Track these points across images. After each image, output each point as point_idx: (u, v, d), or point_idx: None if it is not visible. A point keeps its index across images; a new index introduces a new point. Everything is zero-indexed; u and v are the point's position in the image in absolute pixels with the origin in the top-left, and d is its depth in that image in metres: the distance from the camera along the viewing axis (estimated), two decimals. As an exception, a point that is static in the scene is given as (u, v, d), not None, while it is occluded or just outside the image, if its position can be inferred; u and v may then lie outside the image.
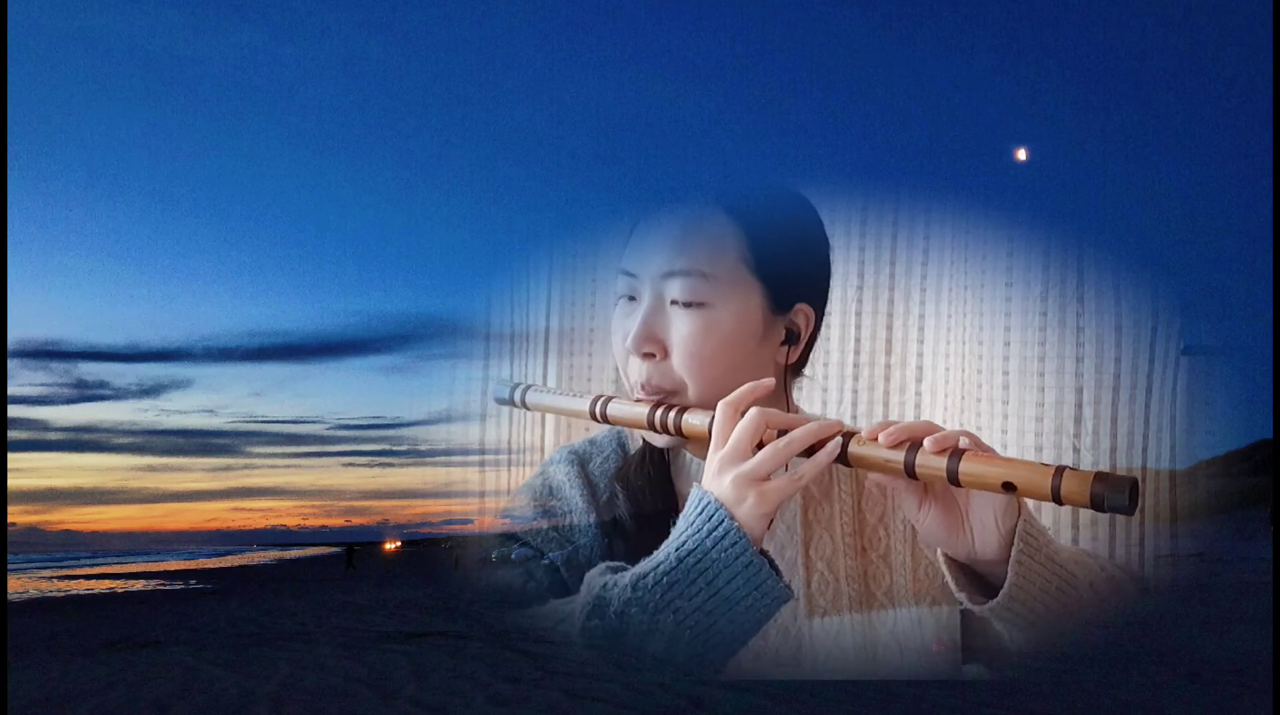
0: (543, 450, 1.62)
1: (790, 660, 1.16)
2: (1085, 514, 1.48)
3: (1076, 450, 1.47)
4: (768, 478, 1.02)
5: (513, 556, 1.24)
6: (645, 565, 1.04)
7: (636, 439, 1.28)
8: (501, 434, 1.66)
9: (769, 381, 1.10)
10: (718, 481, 1.04)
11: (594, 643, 1.05)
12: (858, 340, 1.59)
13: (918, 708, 2.95)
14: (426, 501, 1.78)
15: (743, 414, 1.05)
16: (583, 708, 3.21)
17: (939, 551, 1.10)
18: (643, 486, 1.23)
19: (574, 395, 1.26)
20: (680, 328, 1.14)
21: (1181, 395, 1.47)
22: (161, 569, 27.71)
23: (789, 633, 1.17)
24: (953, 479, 0.97)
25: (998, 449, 1.52)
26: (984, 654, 1.20)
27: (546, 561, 1.22)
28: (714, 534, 1.01)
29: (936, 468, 0.97)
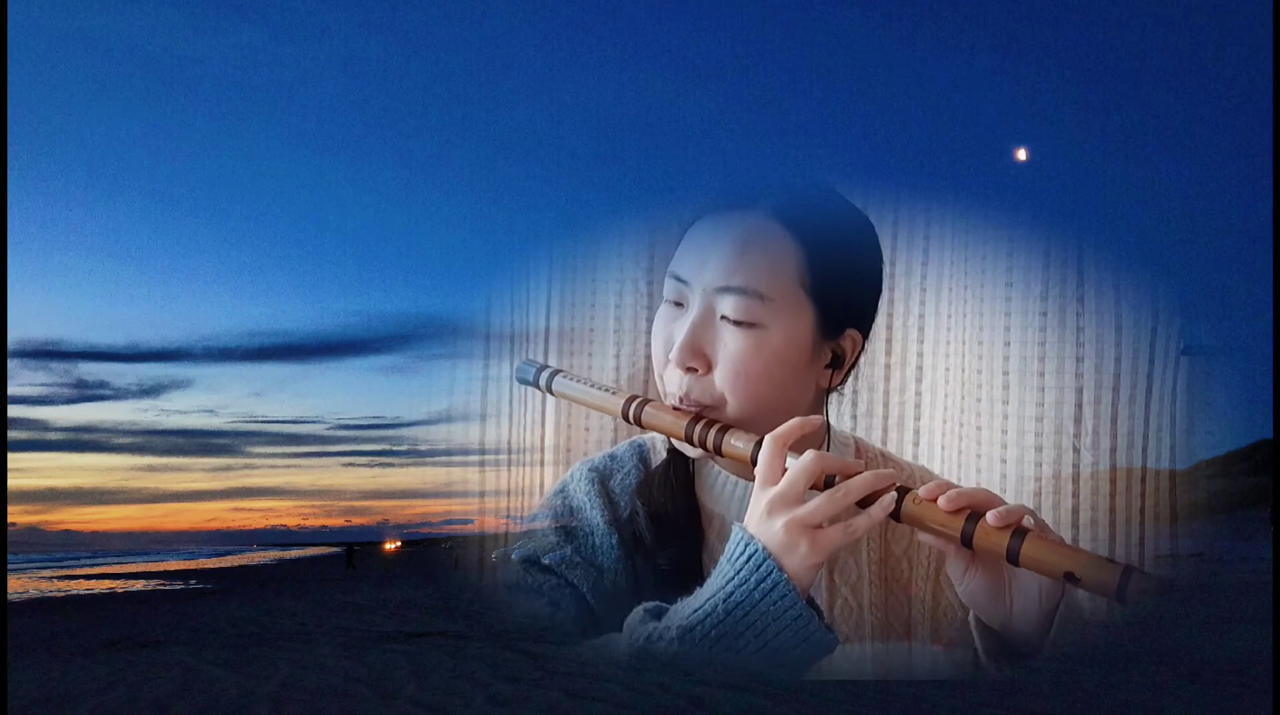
0: (543, 450, 1.62)
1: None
2: (1085, 514, 1.48)
3: (1076, 450, 1.47)
4: (820, 526, 0.99)
5: (534, 585, 1.20)
6: (691, 615, 1.00)
7: (659, 452, 1.25)
8: (501, 434, 1.66)
9: (818, 418, 1.07)
10: (767, 525, 1.00)
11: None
12: (858, 340, 1.59)
13: (918, 708, 2.95)
14: (426, 501, 1.79)
15: (791, 451, 1.02)
16: (583, 708, 3.20)
17: (971, 612, 1.07)
18: (665, 502, 1.19)
19: (605, 390, 1.22)
20: (729, 345, 1.10)
21: (1181, 395, 1.47)
22: (161, 569, 27.72)
23: None
24: (1012, 558, 0.93)
25: (997, 449, 1.54)
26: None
27: (570, 590, 1.18)
28: (762, 585, 0.98)
29: (997, 544, 0.94)
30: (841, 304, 1.14)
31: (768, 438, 1.04)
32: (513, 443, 1.64)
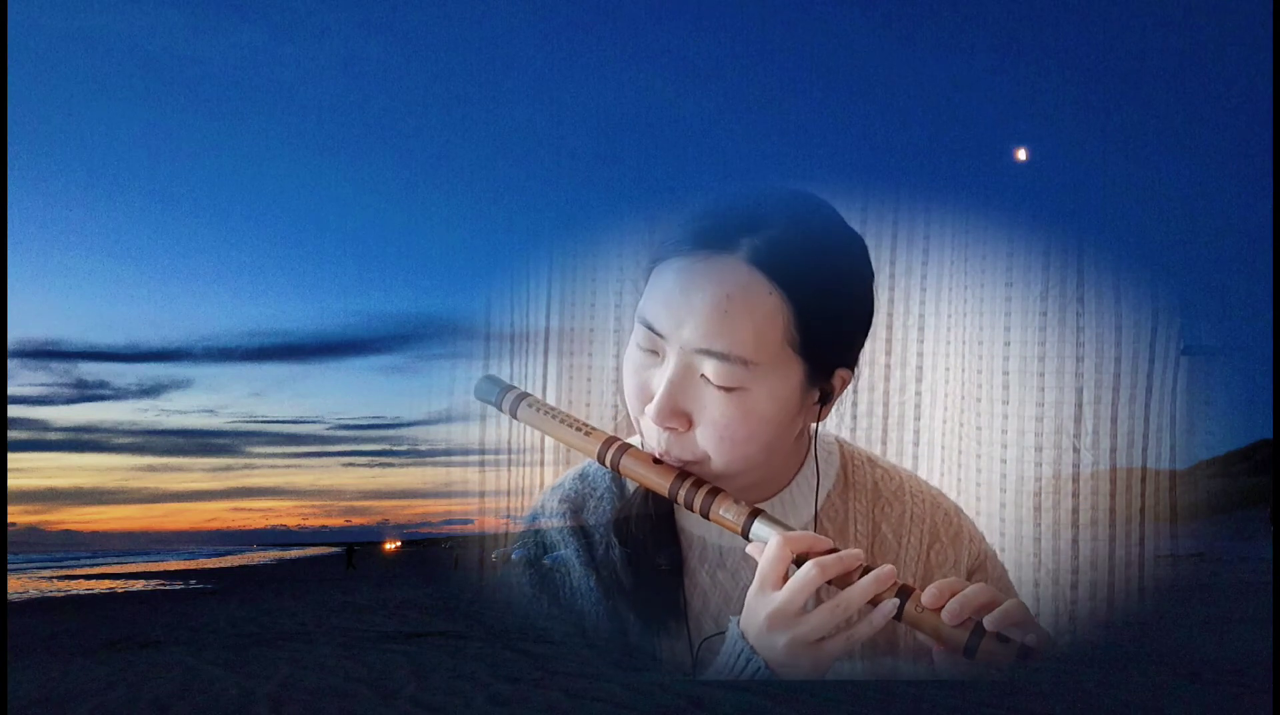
0: (543, 450, 1.62)
1: None
2: (1085, 514, 1.48)
3: (1076, 450, 1.47)
4: (823, 640, 0.98)
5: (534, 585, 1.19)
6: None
7: None
8: (501, 434, 1.66)
9: (829, 543, 1.02)
10: (768, 641, 0.98)
11: None
12: (858, 340, 1.59)
13: (918, 708, 2.95)
14: (426, 501, 1.78)
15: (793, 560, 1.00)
16: (583, 708, 3.21)
17: None
18: (644, 539, 1.15)
19: (578, 428, 1.14)
20: (711, 408, 1.03)
21: (1181, 395, 1.47)
22: (161, 569, 27.72)
23: None
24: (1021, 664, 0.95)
25: (997, 449, 1.54)
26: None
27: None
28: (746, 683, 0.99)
29: (1001, 659, 0.94)
30: (832, 353, 1.08)
31: (776, 539, 1.00)
32: (513, 443, 1.64)
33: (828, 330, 1.05)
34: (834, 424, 1.46)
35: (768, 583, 0.99)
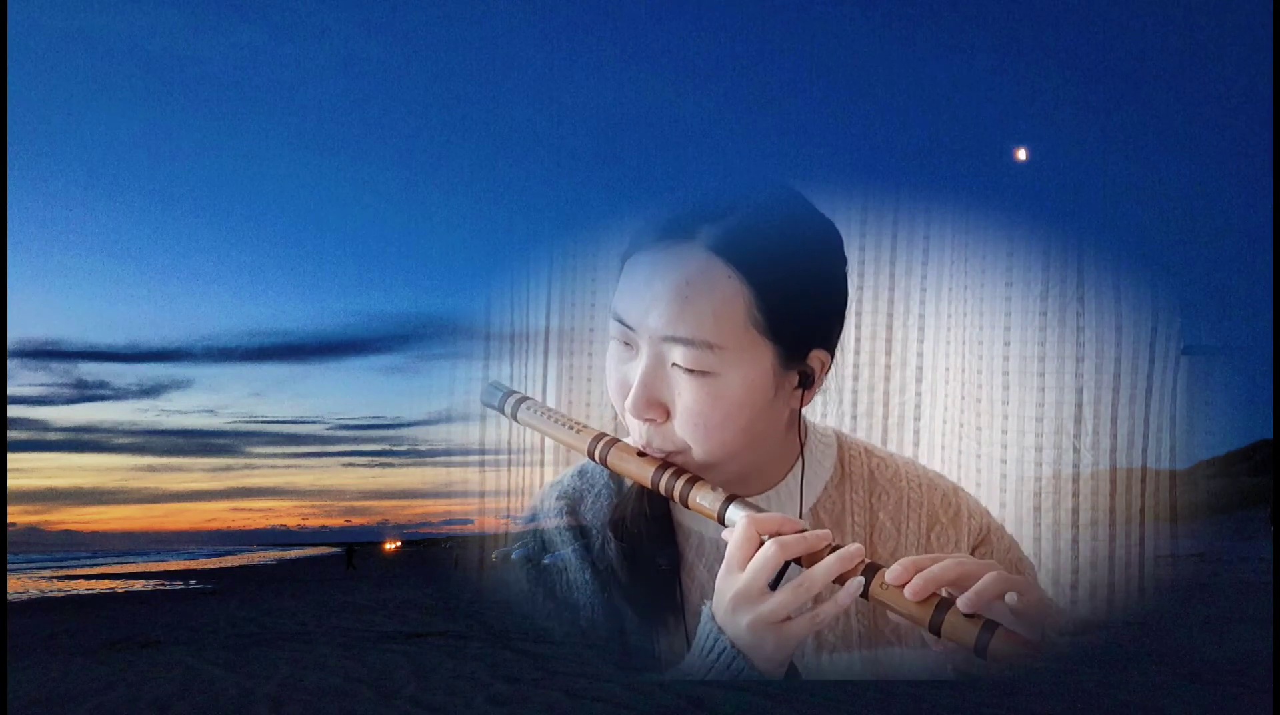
0: (543, 450, 1.62)
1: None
2: (1085, 514, 1.48)
3: (1076, 450, 1.47)
4: (788, 618, 0.97)
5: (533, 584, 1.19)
6: (683, 671, 1.01)
7: None
8: (501, 434, 1.66)
9: (800, 524, 1.01)
10: (733, 621, 0.98)
11: None
12: (858, 340, 1.59)
13: (918, 708, 2.95)
14: (426, 501, 1.78)
15: (760, 538, 0.99)
16: (583, 708, 3.21)
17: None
18: (640, 534, 1.15)
19: (571, 426, 1.15)
20: (684, 394, 1.03)
21: (1181, 395, 1.47)
22: (161, 569, 27.76)
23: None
24: (980, 653, 0.91)
25: (997, 449, 1.54)
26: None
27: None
28: (736, 677, 0.99)
29: (965, 637, 0.91)
30: (801, 334, 1.07)
31: (744, 520, 1.00)
32: (513, 443, 1.64)
33: (793, 311, 1.05)
34: (834, 423, 1.46)
35: (734, 564, 0.99)
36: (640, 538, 1.15)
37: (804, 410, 1.18)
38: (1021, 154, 1.58)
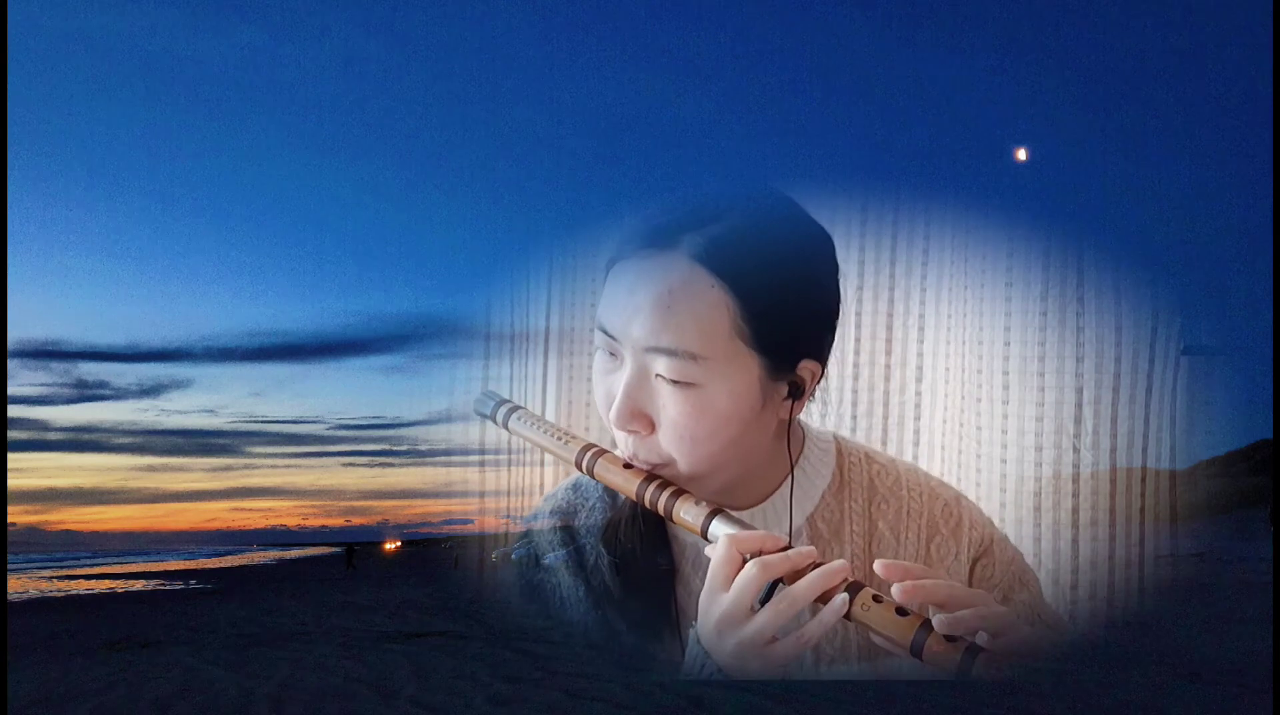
0: (542, 451, 1.62)
1: None
2: (1085, 514, 1.48)
3: (1076, 450, 1.47)
4: (774, 640, 0.94)
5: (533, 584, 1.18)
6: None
7: None
8: (501, 434, 1.65)
9: (781, 541, 0.99)
10: (719, 644, 0.96)
11: None
12: (858, 340, 1.59)
13: (918, 708, 2.95)
14: (426, 501, 1.78)
15: (744, 558, 0.97)
16: (583, 708, 3.21)
17: None
18: (634, 547, 1.14)
19: (560, 437, 1.14)
20: (669, 407, 1.01)
21: (1181, 395, 1.47)
22: (161, 569, 27.76)
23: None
24: (964, 675, 0.90)
25: (997, 449, 1.54)
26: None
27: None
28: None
29: (946, 663, 0.90)
30: (790, 344, 1.04)
31: (725, 540, 0.98)
32: (513, 443, 1.64)
33: (780, 321, 1.02)
34: (834, 425, 1.46)
35: (717, 584, 0.97)
36: (634, 550, 1.14)
37: (802, 413, 1.17)
38: (1021, 154, 1.58)
